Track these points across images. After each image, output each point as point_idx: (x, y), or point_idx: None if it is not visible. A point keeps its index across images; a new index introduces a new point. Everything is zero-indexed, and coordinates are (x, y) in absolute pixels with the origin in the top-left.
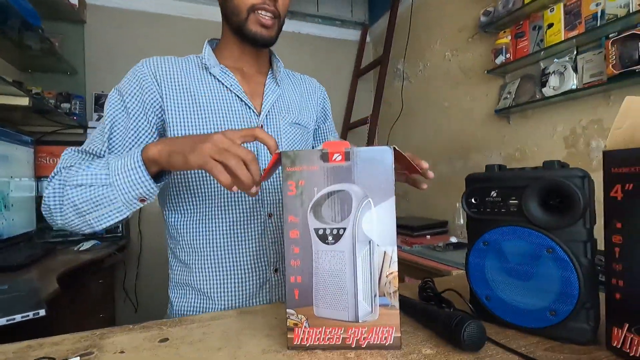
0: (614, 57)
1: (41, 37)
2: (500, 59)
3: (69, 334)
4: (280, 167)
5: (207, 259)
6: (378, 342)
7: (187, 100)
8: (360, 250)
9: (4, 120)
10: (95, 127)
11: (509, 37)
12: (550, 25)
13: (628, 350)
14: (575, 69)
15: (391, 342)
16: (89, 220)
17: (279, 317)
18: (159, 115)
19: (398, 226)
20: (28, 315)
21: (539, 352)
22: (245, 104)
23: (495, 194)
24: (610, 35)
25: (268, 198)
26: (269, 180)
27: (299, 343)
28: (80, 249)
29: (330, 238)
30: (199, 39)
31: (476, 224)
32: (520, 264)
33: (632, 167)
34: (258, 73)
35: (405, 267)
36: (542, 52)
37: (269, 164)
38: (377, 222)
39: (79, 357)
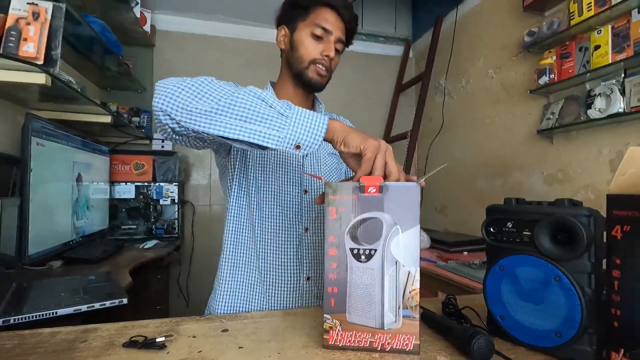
0: None
1: (119, 61)
2: (544, 79)
3: (152, 319)
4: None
5: (250, 261)
6: (400, 347)
7: None
8: (388, 269)
9: (86, 132)
10: (160, 139)
11: (554, 58)
12: (597, 47)
13: None
14: (622, 92)
15: (411, 348)
16: (238, 125)
17: (317, 320)
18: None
19: (434, 240)
20: (115, 303)
21: None
22: None
23: (511, 225)
24: None
25: (306, 215)
26: (307, 200)
27: (333, 343)
28: (144, 247)
29: (363, 257)
30: (245, 55)
31: (494, 250)
32: (531, 289)
33: (631, 212)
34: None
35: (439, 282)
36: (588, 74)
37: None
38: (403, 246)
39: (164, 337)
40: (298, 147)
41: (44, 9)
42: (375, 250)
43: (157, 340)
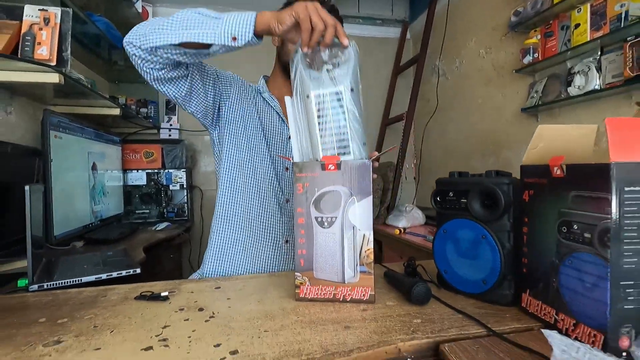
0: (631, 59)
1: (125, 55)
2: (528, 59)
3: (159, 281)
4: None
5: (237, 227)
6: (358, 297)
7: (241, 110)
8: (347, 233)
9: (99, 124)
10: (167, 128)
11: (539, 37)
12: (577, 26)
13: (530, 309)
14: (599, 69)
15: (367, 298)
16: (183, 32)
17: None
18: (217, 99)
19: (428, 217)
20: (129, 272)
21: (470, 308)
22: (282, 119)
23: (452, 194)
24: (628, 38)
25: (287, 188)
26: (287, 176)
27: (303, 296)
28: (157, 229)
29: (326, 224)
30: (247, 51)
31: (440, 217)
32: (467, 247)
33: (533, 179)
34: None
35: (425, 254)
36: (568, 52)
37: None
38: (359, 214)
39: (167, 292)
40: (235, 38)
41: (53, 14)
42: (336, 217)
43: (162, 294)
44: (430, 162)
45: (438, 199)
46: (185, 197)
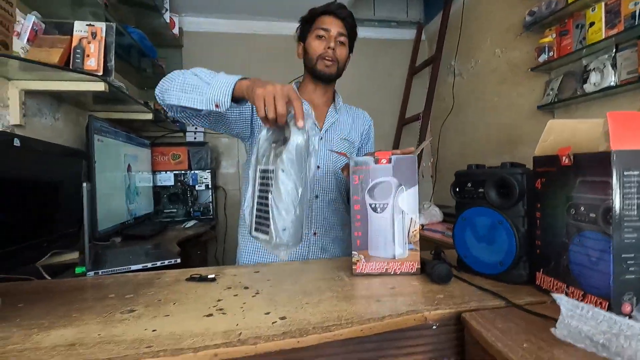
0: None
1: (153, 62)
2: (543, 57)
3: (203, 267)
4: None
5: None
6: (407, 270)
7: None
8: (397, 216)
9: (130, 128)
10: (193, 132)
11: (554, 35)
12: (592, 24)
13: (543, 286)
14: (614, 66)
15: (414, 271)
16: (182, 95)
17: (328, 265)
18: (247, 118)
19: (446, 215)
20: (171, 261)
21: (488, 286)
22: (314, 122)
23: (470, 185)
24: None
25: (317, 185)
26: (318, 174)
27: (360, 271)
28: (185, 227)
29: (378, 209)
30: (268, 50)
31: (459, 206)
32: (484, 232)
33: (545, 168)
34: (324, 104)
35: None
36: (584, 50)
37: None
38: (406, 200)
39: (214, 275)
40: (217, 105)
41: (99, 28)
42: (387, 204)
43: (209, 276)
44: (446, 160)
45: (457, 189)
46: (210, 196)
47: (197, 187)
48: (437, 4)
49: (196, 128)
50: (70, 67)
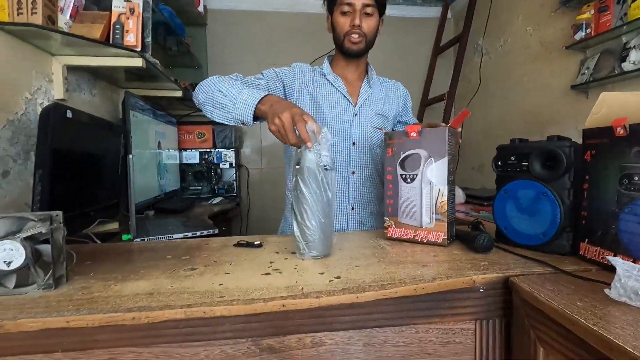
0: None
1: (179, 40)
2: (580, 35)
3: (246, 235)
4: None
5: None
6: (433, 240)
7: (308, 94)
8: (425, 187)
9: (155, 106)
10: None
11: (592, 12)
12: (634, 0)
13: (587, 255)
14: None
15: (440, 241)
16: (214, 111)
17: (365, 237)
18: (282, 92)
19: (469, 196)
20: (210, 232)
21: (530, 255)
22: (347, 98)
23: (513, 158)
24: None
25: (353, 162)
26: (354, 122)
27: (390, 236)
28: (212, 203)
29: (408, 179)
30: (291, 29)
31: (500, 179)
32: (527, 204)
33: (596, 140)
34: (357, 79)
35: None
36: (624, 27)
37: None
38: (435, 172)
39: (260, 242)
40: (243, 123)
41: (137, 4)
42: (417, 175)
43: (255, 242)
44: (471, 140)
45: (499, 163)
46: (234, 175)
47: (221, 165)
48: None
49: None
50: (111, 42)
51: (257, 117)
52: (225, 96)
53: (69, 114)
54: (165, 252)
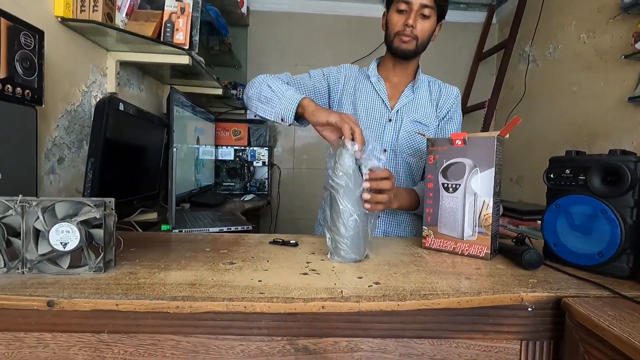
0: None
1: (221, 40)
2: None
3: (282, 234)
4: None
5: None
6: (475, 253)
7: (349, 95)
8: (468, 198)
9: (195, 103)
10: None
11: None
12: None
13: None
14: None
15: (483, 255)
16: (260, 105)
17: (415, 242)
18: (326, 92)
19: (506, 209)
20: (244, 228)
21: (583, 276)
22: (384, 102)
23: (569, 171)
24: None
25: (384, 139)
26: (387, 127)
27: (428, 245)
28: (244, 200)
29: (450, 189)
30: (330, 31)
31: (552, 193)
32: (581, 221)
33: None
34: (402, 82)
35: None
36: None
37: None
38: (480, 182)
39: (296, 241)
40: (282, 120)
41: (187, 4)
42: (460, 184)
43: (291, 241)
44: (509, 152)
45: (552, 175)
46: (267, 173)
47: (254, 163)
48: None
49: None
50: (161, 40)
51: (297, 117)
52: (273, 91)
53: (121, 107)
54: (205, 244)
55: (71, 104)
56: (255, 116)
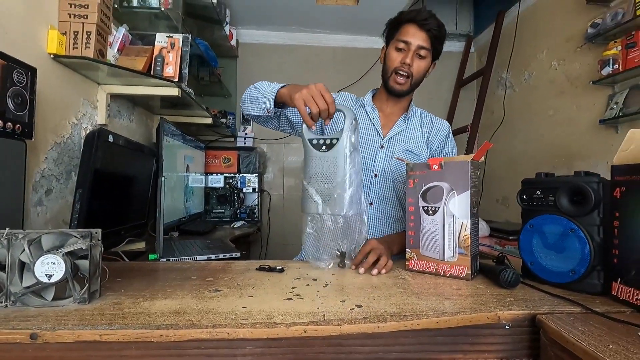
0: None
1: (211, 71)
2: (607, 70)
3: (268, 260)
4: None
5: None
6: (456, 274)
7: None
8: (447, 220)
9: (185, 132)
10: (243, 137)
11: (619, 48)
12: None
13: (620, 296)
14: None
15: (463, 276)
16: (249, 105)
17: (398, 265)
18: None
19: (493, 229)
20: (232, 255)
21: (558, 293)
22: (377, 131)
23: (539, 192)
24: None
25: (373, 192)
26: (379, 154)
27: (412, 267)
28: (234, 226)
29: (430, 212)
30: (316, 61)
31: (526, 213)
32: (554, 240)
33: (626, 177)
34: (395, 113)
35: None
36: None
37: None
38: (458, 205)
39: (281, 267)
40: (268, 111)
41: (177, 40)
42: (439, 207)
43: (277, 267)
44: (494, 173)
45: (525, 197)
46: (256, 199)
47: (244, 190)
48: (487, 16)
49: (246, 133)
50: (152, 73)
51: (278, 104)
52: (258, 90)
53: (111, 138)
54: (192, 272)
55: (61, 136)
56: (244, 141)
